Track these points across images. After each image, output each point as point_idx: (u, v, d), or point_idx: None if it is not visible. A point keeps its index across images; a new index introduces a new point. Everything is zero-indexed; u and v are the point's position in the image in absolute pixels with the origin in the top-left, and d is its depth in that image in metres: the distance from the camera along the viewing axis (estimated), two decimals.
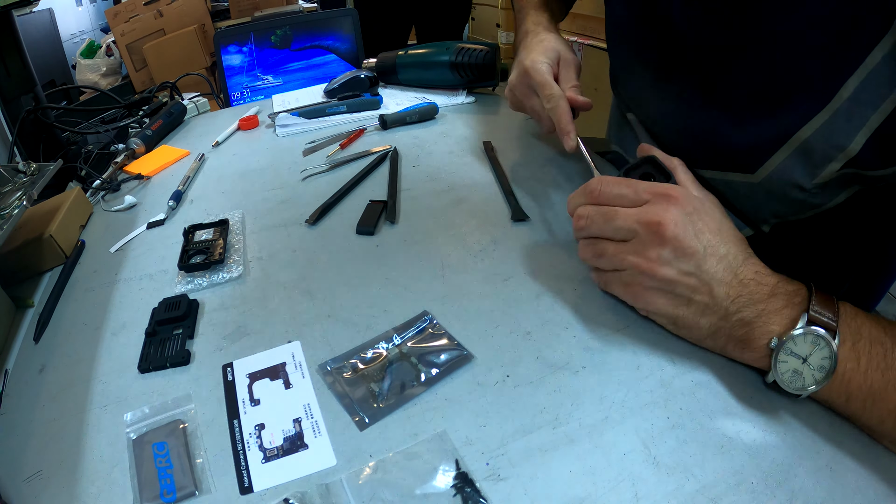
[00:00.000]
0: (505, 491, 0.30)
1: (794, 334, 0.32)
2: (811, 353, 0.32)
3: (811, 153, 0.40)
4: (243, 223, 0.59)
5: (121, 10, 2.66)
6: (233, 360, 0.41)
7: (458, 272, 0.48)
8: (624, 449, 0.32)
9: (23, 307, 0.51)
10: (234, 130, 0.86)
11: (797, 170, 0.42)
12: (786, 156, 0.42)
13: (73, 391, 0.40)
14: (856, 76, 0.35)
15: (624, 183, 0.39)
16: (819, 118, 0.38)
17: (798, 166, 0.41)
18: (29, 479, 0.34)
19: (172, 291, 0.49)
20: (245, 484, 0.32)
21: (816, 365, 0.32)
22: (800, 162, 0.41)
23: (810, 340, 0.32)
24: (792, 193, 0.43)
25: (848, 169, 0.39)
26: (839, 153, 0.38)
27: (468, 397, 0.36)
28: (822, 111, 0.38)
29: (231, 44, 1.19)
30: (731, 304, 0.35)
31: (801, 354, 0.32)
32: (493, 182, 0.62)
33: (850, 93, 0.36)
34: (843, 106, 0.37)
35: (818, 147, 0.39)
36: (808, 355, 0.32)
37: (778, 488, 0.30)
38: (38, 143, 0.79)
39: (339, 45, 1.23)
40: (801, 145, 0.40)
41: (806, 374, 0.32)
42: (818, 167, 0.40)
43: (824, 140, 0.39)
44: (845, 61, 0.36)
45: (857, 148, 0.37)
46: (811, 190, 0.42)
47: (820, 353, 0.32)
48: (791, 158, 0.41)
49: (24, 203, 0.51)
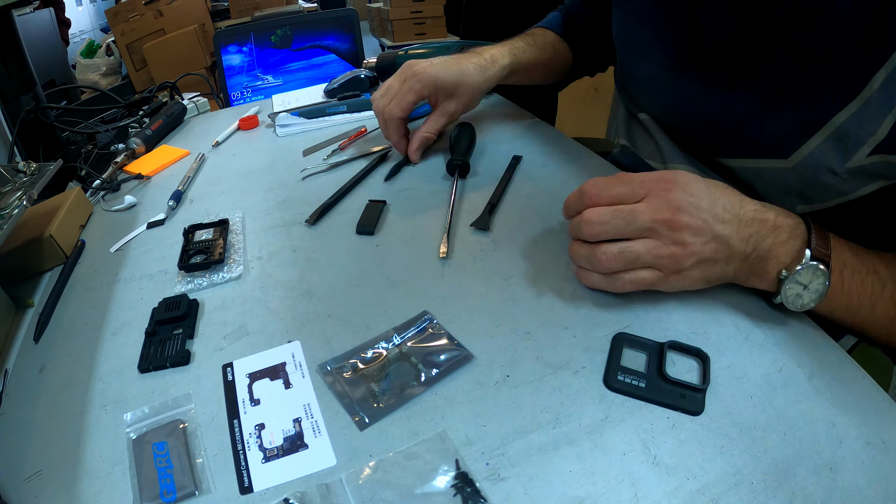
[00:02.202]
0: (505, 491, 0.30)
1: (800, 268, 0.38)
2: (811, 280, 0.38)
3: (845, 138, 0.43)
4: (243, 223, 0.59)
5: (121, 10, 2.66)
6: (233, 360, 0.41)
7: (458, 272, 0.48)
8: (624, 449, 0.32)
9: (23, 307, 0.51)
10: (234, 130, 0.86)
11: (830, 154, 0.44)
12: (821, 140, 0.44)
13: (73, 391, 0.40)
14: (883, 69, 0.39)
15: (619, 181, 0.41)
16: (853, 105, 0.41)
17: (832, 151, 0.44)
18: (29, 479, 0.34)
19: (172, 291, 0.49)
20: (245, 484, 0.32)
21: (814, 289, 0.38)
22: (833, 146, 0.44)
23: (811, 271, 0.38)
24: (823, 178, 0.45)
25: (875, 156, 0.42)
26: (870, 137, 0.41)
27: (468, 397, 0.36)
28: (855, 99, 0.41)
29: (231, 44, 1.19)
30: (746, 245, 0.39)
31: (803, 282, 0.38)
32: (495, 181, 0.62)
33: (879, 83, 0.39)
34: (874, 95, 0.40)
35: (852, 132, 0.42)
36: (809, 283, 0.38)
37: (778, 488, 0.30)
38: (38, 143, 0.79)
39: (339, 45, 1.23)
40: (835, 130, 0.43)
41: (805, 296, 0.39)
42: (850, 151, 0.43)
43: (858, 125, 0.41)
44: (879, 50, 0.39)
45: (884, 133, 0.40)
46: (842, 175, 0.44)
47: (817, 280, 0.38)
48: (826, 143, 0.44)
49: (24, 203, 0.51)
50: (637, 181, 0.40)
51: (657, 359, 0.37)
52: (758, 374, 0.36)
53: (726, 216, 0.39)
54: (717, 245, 0.39)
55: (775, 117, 0.47)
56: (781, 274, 0.38)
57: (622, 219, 0.39)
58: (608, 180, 0.41)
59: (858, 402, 0.34)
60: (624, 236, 0.40)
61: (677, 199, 0.38)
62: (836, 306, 0.40)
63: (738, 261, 0.40)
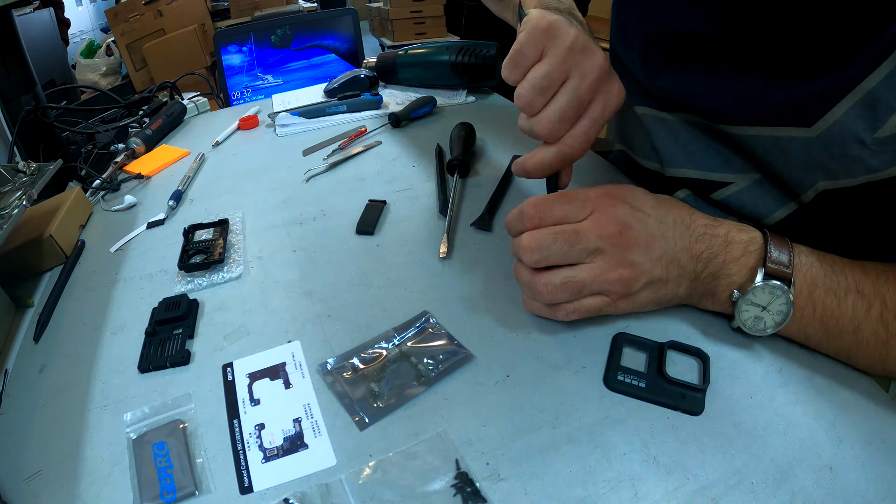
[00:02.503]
0: (505, 491, 0.30)
1: (753, 287, 0.35)
2: (770, 302, 0.35)
3: (875, 104, 0.39)
4: (243, 223, 0.59)
5: (121, 10, 2.66)
6: (233, 360, 0.41)
7: (458, 272, 0.48)
8: (624, 449, 0.32)
9: (23, 307, 0.51)
10: (234, 130, 0.86)
11: (859, 122, 0.40)
12: (848, 107, 0.40)
13: (73, 391, 0.40)
14: None
15: (563, 198, 0.38)
16: (884, 68, 0.37)
17: (860, 118, 0.40)
18: (29, 479, 0.34)
19: (172, 291, 0.49)
20: (245, 484, 0.32)
21: (775, 311, 0.36)
22: (862, 114, 0.39)
23: (768, 291, 0.35)
24: (851, 149, 0.41)
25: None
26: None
27: (468, 397, 0.36)
28: (886, 61, 0.37)
29: (231, 43, 1.19)
30: (697, 263, 0.37)
31: (760, 303, 0.36)
32: (495, 181, 0.62)
33: None
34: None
35: (883, 97, 0.38)
36: (768, 304, 0.35)
37: (778, 488, 0.30)
38: (38, 143, 0.79)
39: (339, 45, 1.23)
40: (865, 96, 0.39)
41: (766, 318, 0.36)
42: (880, 119, 0.39)
43: (889, 90, 0.38)
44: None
45: None
46: (871, 146, 0.40)
47: (778, 301, 0.35)
48: (854, 110, 0.40)
49: (24, 203, 0.51)
50: (581, 198, 0.37)
51: (657, 359, 0.37)
52: (758, 374, 0.36)
53: (677, 231, 0.37)
54: (667, 263, 0.37)
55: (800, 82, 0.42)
56: (733, 294, 0.36)
57: (565, 241, 0.36)
58: (549, 199, 0.38)
59: (858, 402, 0.34)
60: (569, 261, 0.37)
61: (624, 215, 0.36)
62: (812, 332, 0.36)
63: (689, 280, 0.37)
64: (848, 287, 0.35)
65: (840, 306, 0.35)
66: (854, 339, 0.35)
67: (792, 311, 0.35)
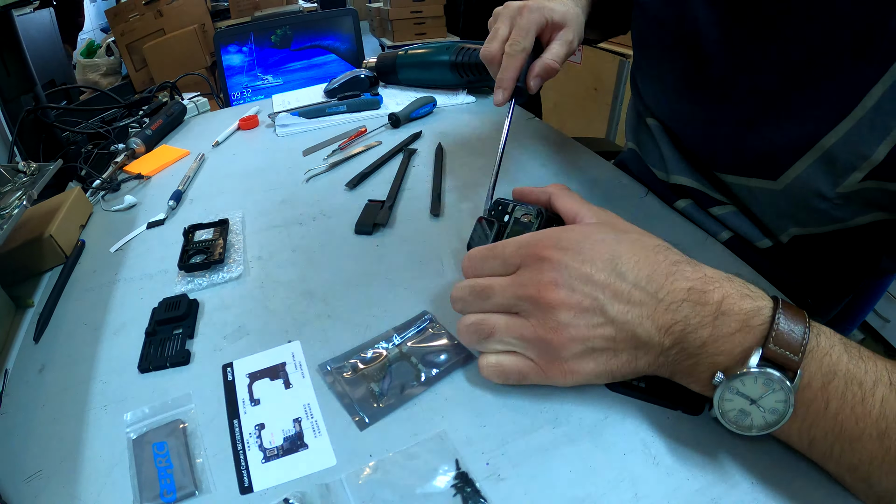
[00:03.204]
0: (505, 491, 0.30)
1: (742, 373, 0.27)
2: (762, 395, 0.27)
3: (834, 161, 0.39)
4: (243, 223, 0.59)
5: (121, 10, 2.66)
6: (233, 360, 0.41)
7: (458, 272, 0.48)
8: (624, 449, 0.32)
9: (23, 307, 0.51)
10: (234, 130, 0.86)
11: (820, 178, 0.40)
12: (809, 163, 0.41)
13: (73, 391, 0.40)
14: (880, 85, 0.34)
15: (488, 253, 0.35)
16: (843, 126, 0.37)
17: (821, 174, 0.40)
18: (29, 479, 0.34)
19: (172, 291, 0.49)
20: (245, 484, 0.32)
21: (769, 408, 0.27)
22: (823, 170, 0.40)
23: (762, 382, 0.27)
24: (814, 202, 0.42)
25: (871, 182, 0.38)
26: (862, 162, 0.37)
27: (468, 397, 0.36)
28: (845, 119, 0.37)
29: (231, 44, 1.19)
30: (664, 337, 0.29)
31: (750, 396, 0.27)
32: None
33: (874, 101, 0.35)
34: (866, 115, 0.36)
35: (841, 155, 0.38)
36: (759, 397, 0.27)
37: (778, 488, 0.30)
38: (38, 143, 0.79)
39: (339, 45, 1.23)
40: (824, 153, 0.39)
41: (755, 415, 0.28)
42: (841, 176, 0.39)
43: (848, 149, 0.38)
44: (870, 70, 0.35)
45: (879, 157, 0.36)
46: (834, 200, 0.40)
47: (774, 396, 0.27)
48: (814, 166, 0.40)
49: (24, 203, 0.51)
50: (510, 251, 0.34)
51: None
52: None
53: (634, 294, 0.30)
54: (613, 331, 0.30)
55: (762, 136, 0.44)
56: (716, 377, 0.28)
57: (477, 295, 0.34)
58: (480, 252, 0.36)
59: None
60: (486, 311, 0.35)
61: (552, 274, 0.31)
62: (820, 435, 0.27)
63: (651, 354, 0.30)
64: (878, 378, 0.26)
65: (864, 402, 0.26)
66: (879, 447, 0.26)
67: (791, 412, 0.27)
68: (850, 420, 0.26)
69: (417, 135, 0.76)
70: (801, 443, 0.29)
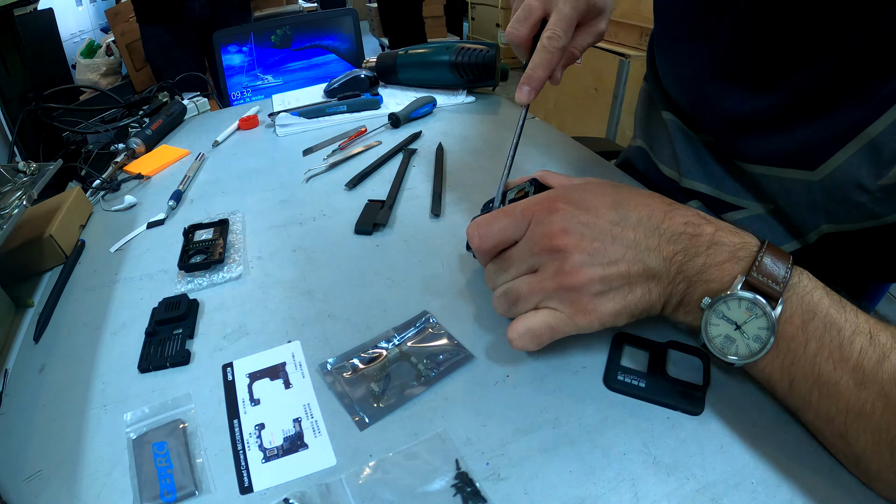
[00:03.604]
0: (505, 491, 0.30)
1: (726, 296, 0.29)
2: (746, 320, 0.29)
3: (879, 150, 0.37)
4: (243, 223, 0.59)
5: (121, 10, 2.66)
6: (233, 360, 0.41)
7: (458, 272, 0.48)
8: (624, 449, 0.32)
9: (23, 307, 0.51)
10: (234, 130, 0.86)
11: (863, 169, 0.38)
12: (852, 153, 0.39)
13: (73, 391, 0.40)
14: None
15: (497, 213, 0.36)
16: (890, 115, 0.36)
17: (864, 165, 0.38)
18: (29, 479, 0.34)
19: (172, 291, 0.49)
20: (245, 484, 0.32)
21: (752, 334, 0.29)
22: (866, 160, 0.38)
23: (745, 306, 0.29)
24: (853, 195, 0.40)
25: None
26: None
27: (468, 397, 0.36)
28: (892, 108, 0.36)
29: (231, 44, 1.19)
30: (669, 265, 0.32)
31: (733, 320, 0.29)
32: (495, 181, 0.62)
33: None
34: None
35: (887, 144, 0.37)
36: (743, 322, 0.29)
37: (778, 488, 0.30)
38: (38, 143, 0.79)
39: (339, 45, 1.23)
40: (869, 142, 0.38)
41: (739, 342, 0.30)
42: (885, 167, 0.37)
43: (894, 137, 0.36)
44: None
45: None
46: (875, 193, 0.39)
47: (756, 322, 0.29)
48: (857, 156, 0.39)
49: (24, 203, 0.51)
50: (519, 209, 0.35)
51: (657, 358, 0.37)
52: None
53: (640, 232, 0.32)
54: (626, 267, 0.32)
55: (805, 124, 0.41)
56: (703, 301, 0.30)
57: (499, 268, 0.36)
58: (488, 218, 0.36)
59: None
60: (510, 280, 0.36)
61: (562, 223, 0.33)
62: (800, 376, 0.28)
63: (661, 284, 0.32)
64: (857, 328, 0.27)
65: (842, 348, 0.27)
66: (856, 398, 0.26)
67: (773, 340, 0.28)
68: (827, 364, 0.27)
69: (417, 135, 0.76)
70: (783, 383, 0.30)
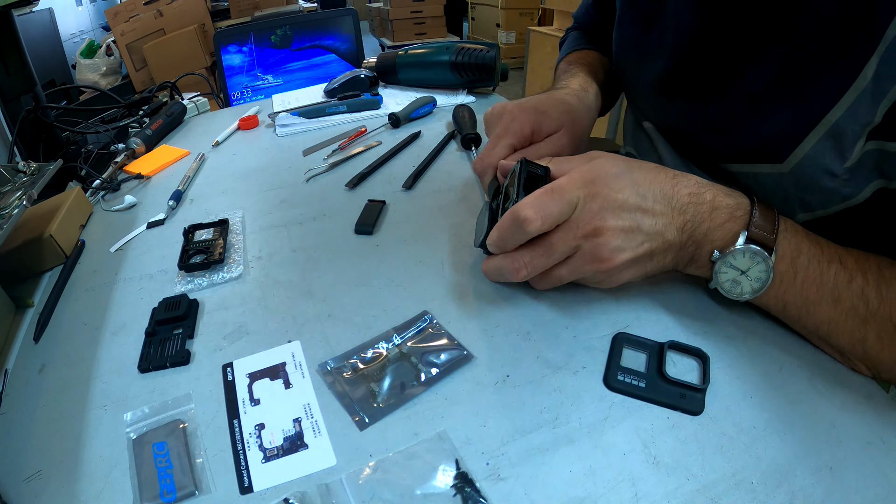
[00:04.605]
0: (505, 491, 0.30)
1: (733, 250, 0.36)
2: (750, 266, 0.36)
3: (841, 135, 0.39)
4: (243, 223, 0.59)
5: (121, 10, 2.66)
6: (233, 360, 0.41)
7: (458, 272, 0.48)
8: (624, 449, 0.32)
9: (23, 307, 0.51)
10: (234, 130, 0.86)
11: (828, 154, 0.41)
12: (816, 140, 0.41)
13: (73, 391, 0.40)
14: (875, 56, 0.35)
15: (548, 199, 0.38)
16: (847, 98, 0.38)
17: (829, 151, 0.41)
18: (29, 479, 0.34)
19: (172, 291, 0.49)
20: (245, 484, 0.32)
21: (754, 276, 0.36)
22: (830, 146, 0.40)
23: (748, 256, 0.36)
24: (822, 181, 0.42)
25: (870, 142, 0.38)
26: (866, 129, 0.38)
27: (468, 397, 0.36)
28: (849, 91, 0.38)
29: (231, 44, 1.19)
30: (682, 234, 0.38)
31: (739, 267, 0.37)
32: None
33: (872, 72, 0.36)
34: (868, 85, 0.37)
35: (848, 128, 0.39)
36: (748, 269, 0.36)
37: (778, 488, 0.30)
38: (38, 143, 0.79)
39: (339, 45, 1.23)
40: (831, 128, 0.40)
41: (744, 283, 0.37)
42: (848, 149, 0.39)
43: (853, 119, 0.38)
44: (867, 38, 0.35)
45: (878, 119, 0.37)
46: (842, 176, 0.41)
47: (757, 267, 0.36)
48: (821, 143, 0.41)
49: (24, 203, 0.51)
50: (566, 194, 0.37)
51: (657, 359, 0.37)
52: (758, 374, 0.36)
53: (657, 208, 0.38)
54: (651, 244, 0.38)
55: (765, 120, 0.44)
56: (713, 255, 0.37)
57: (542, 254, 0.39)
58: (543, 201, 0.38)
59: (858, 402, 0.34)
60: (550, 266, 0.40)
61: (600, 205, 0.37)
62: (791, 299, 0.37)
63: (675, 251, 0.39)
64: (831, 257, 0.36)
65: (822, 275, 0.36)
66: (833, 311, 0.35)
67: (771, 278, 0.36)
68: (812, 288, 0.36)
69: (417, 135, 0.76)
70: (778, 306, 0.38)
